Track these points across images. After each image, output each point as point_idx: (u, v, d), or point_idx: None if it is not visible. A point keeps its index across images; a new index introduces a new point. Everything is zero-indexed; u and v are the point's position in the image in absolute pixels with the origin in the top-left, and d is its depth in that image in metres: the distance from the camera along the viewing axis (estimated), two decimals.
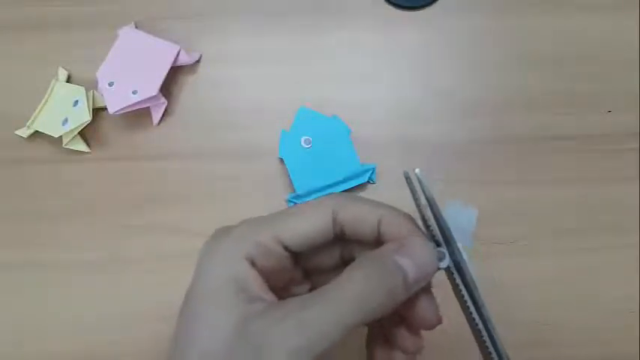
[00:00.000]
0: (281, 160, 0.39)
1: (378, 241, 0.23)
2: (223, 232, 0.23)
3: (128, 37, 0.42)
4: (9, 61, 0.44)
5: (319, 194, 0.38)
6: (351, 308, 0.19)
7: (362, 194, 0.39)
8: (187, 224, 0.40)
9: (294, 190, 0.39)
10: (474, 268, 0.22)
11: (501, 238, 0.39)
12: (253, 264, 0.21)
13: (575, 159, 0.40)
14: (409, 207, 0.38)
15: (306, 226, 0.22)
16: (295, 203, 0.39)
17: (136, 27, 0.43)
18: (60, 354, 0.38)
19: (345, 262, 0.25)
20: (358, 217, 0.22)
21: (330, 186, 0.38)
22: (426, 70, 0.42)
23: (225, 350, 0.20)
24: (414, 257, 0.21)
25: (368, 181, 0.39)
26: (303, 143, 0.39)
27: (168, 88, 0.42)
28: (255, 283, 0.21)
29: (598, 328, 0.37)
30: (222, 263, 0.22)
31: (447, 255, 0.22)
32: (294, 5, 0.43)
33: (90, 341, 0.38)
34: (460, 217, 0.23)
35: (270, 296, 0.21)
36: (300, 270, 0.25)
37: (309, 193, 0.38)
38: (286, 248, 0.22)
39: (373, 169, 0.39)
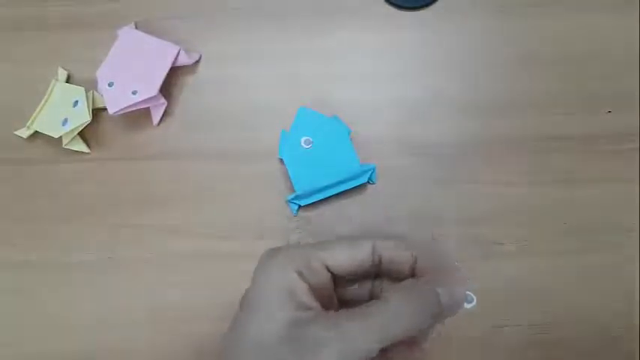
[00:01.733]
0: (281, 160, 0.39)
1: (412, 276, 0.27)
2: (276, 250, 0.27)
3: (128, 37, 0.42)
4: (9, 61, 0.44)
5: (319, 195, 0.38)
6: (391, 324, 0.23)
7: (362, 194, 0.40)
8: (187, 224, 0.40)
9: (294, 191, 0.39)
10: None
11: (501, 238, 0.39)
12: (301, 277, 0.25)
13: (575, 159, 0.40)
14: (406, 207, 0.38)
15: (347, 253, 0.26)
16: (296, 204, 0.39)
17: (136, 27, 0.43)
18: (60, 354, 0.38)
19: (374, 297, 0.28)
20: (393, 253, 0.26)
21: (329, 186, 0.38)
22: (426, 70, 0.42)
23: (276, 344, 0.23)
24: (448, 286, 0.24)
25: (368, 182, 0.39)
26: (303, 144, 0.39)
27: (168, 88, 0.42)
28: (304, 293, 0.25)
29: (598, 328, 0.37)
30: (276, 274, 0.25)
31: (475, 299, 0.25)
32: (294, 5, 0.43)
33: (90, 341, 0.38)
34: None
35: (317, 305, 0.25)
36: (336, 297, 0.28)
37: (309, 194, 0.38)
38: (329, 270, 0.26)
39: (373, 170, 0.39)
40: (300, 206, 0.39)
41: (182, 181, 0.41)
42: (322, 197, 0.38)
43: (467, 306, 0.24)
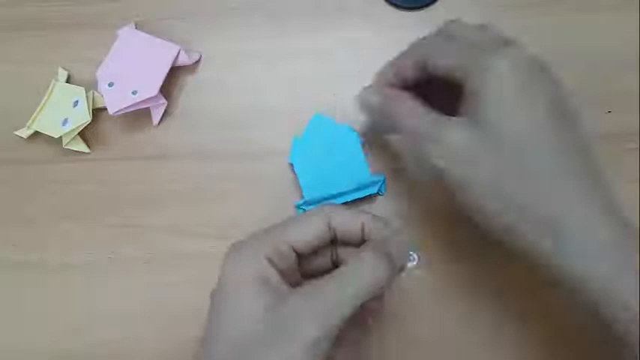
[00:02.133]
0: (291, 165, 0.39)
1: (362, 243, 0.28)
2: (242, 241, 0.28)
3: (128, 37, 0.42)
4: (9, 61, 0.44)
5: (328, 202, 0.38)
6: (363, 285, 0.25)
7: (370, 204, 0.39)
8: (187, 225, 0.40)
9: (299, 193, 0.39)
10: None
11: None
12: (272, 263, 0.26)
13: None
14: (406, 207, 0.38)
15: (311, 231, 0.27)
16: (304, 210, 0.38)
17: (136, 27, 0.43)
18: (60, 354, 0.38)
19: (335, 264, 0.30)
20: (346, 223, 0.28)
21: (338, 194, 0.38)
22: None
23: (252, 331, 0.24)
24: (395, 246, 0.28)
25: (377, 193, 0.39)
26: (313, 150, 0.39)
27: (168, 88, 0.42)
28: (277, 279, 0.26)
29: (598, 327, 0.37)
30: (247, 263, 0.26)
31: (417, 258, 0.28)
32: (293, 5, 0.43)
33: (90, 341, 0.38)
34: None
35: (290, 288, 0.26)
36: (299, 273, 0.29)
37: (317, 200, 0.38)
38: (294, 251, 0.27)
39: (383, 181, 0.39)
40: None
41: (182, 181, 0.41)
42: None
43: (410, 265, 0.28)
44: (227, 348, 0.24)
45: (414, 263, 0.28)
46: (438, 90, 0.30)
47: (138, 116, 0.41)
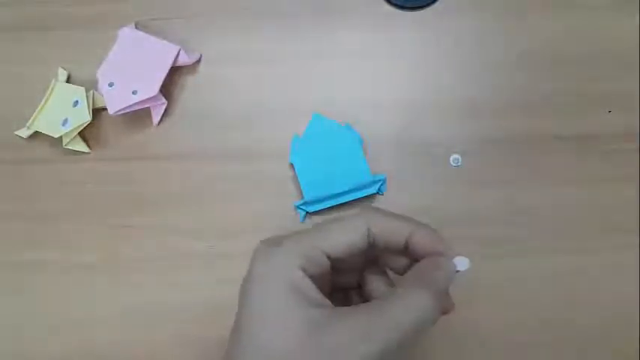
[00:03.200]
0: (291, 165, 0.39)
1: (406, 250, 0.26)
2: (274, 243, 0.25)
3: (128, 37, 0.42)
4: (9, 61, 0.44)
5: (328, 202, 0.38)
6: (409, 321, 0.23)
7: (370, 203, 0.39)
8: (187, 225, 0.40)
9: (299, 193, 0.39)
10: None
11: (501, 238, 0.39)
12: (306, 272, 0.24)
13: (575, 159, 0.40)
14: (406, 208, 0.38)
15: (346, 239, 0.25)
16: (303, 210, 0.39)
17: (136, 27, 0.43)
18: (60, 354, 0.38)
19: (369, 262, 0.28)
20: (390, 230, 0.26)
21: (339, 194, 0.38)
22: (426, 70, 0.42)
23: (294, 349, 0.22)
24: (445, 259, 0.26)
25: (377, 193, 0.39)
26: (313, 149, 0.38)
27: (168, 88, 0.42)
28: (311, 288, 0.24)
29: (598, 328, 0.37)
30: (281, 271, 0.24)
31: (467, 261, 0.26)
32: (294, 5, 0.43)
33: (89, 341, 0.38)
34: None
35: (326, 301, 0.24)
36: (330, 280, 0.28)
37: (317, 201, 0.38)
38: (329, 257, 0.25)
39: (384, 181, 0.39)
40: (307, 213, 0.39)
41: (182, 181, 0.41)
42: (330, 205, 0.38)
43: (462, 269, 0.26)
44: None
45: (465, 268, 0.26)
46: None
47: (138, 116, 0.41)
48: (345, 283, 0.29)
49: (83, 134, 0.41)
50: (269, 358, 0.22)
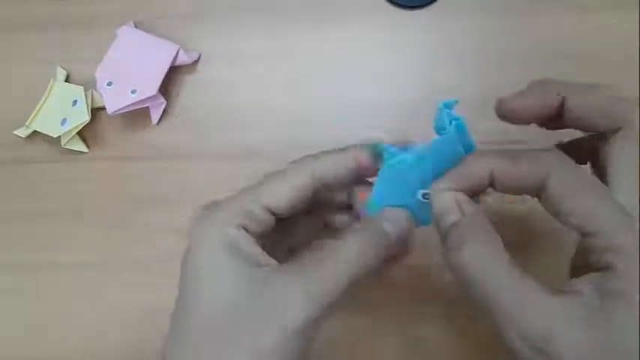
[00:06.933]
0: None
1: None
2: (212, 205, 0.24)
3: (127, 36, 0.41)
4: (8, 61, 0.44)
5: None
6: (356, 264, 0.22)
7: None
8: (186, 224, 0.40)
9: None
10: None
11: (501, 238, 0.38)
12: (247, 231, 0.23)
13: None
14: None
15: (287, 188, 0.24)
16: None
17: (135, 26, 0.43)
18: (60, 354, 0.38)
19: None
20: (332, 171, 0.25)
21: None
22: (426, 70, 0.42)
23: (229, 309, 0.21)
24: (395, 223, 0.24)
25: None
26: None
27: (167, 87, 0.42)
28: (253, 247, 0.23)
29: None
30: (219, 232, 0.23)
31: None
32: (294, 5, 0.43)
33: (90, 341, 0.38)
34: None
35: (270, 259, 0.23)
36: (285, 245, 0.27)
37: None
38: (272, 213, 0.24)
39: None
40: None
41: (182, 181, 0.41)
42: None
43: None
44: (203, 321, 0.22)
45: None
46: None
47: (137, 116, 0.41)
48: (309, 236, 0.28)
49: (82, 134, 0.41)
50: (206, 317, 0.22)
